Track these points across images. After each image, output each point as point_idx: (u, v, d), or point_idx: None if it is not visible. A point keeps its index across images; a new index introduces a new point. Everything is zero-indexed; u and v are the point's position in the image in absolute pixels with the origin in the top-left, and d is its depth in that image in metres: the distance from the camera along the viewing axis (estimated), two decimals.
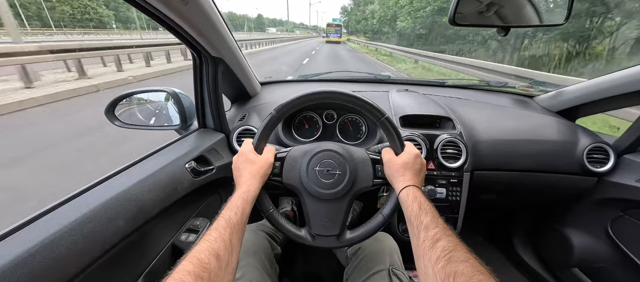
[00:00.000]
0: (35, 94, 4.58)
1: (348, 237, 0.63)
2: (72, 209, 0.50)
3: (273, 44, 25.87)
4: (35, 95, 4.48)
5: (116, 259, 0.56)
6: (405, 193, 0.55)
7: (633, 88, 0.88)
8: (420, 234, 0.46)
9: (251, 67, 1.10)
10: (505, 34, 0.71)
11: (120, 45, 7.64)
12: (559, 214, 1.22)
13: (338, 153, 0.62)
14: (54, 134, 3.34)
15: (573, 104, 1.11)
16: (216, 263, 0.41)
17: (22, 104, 4.21)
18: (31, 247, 0.41)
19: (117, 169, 0.64)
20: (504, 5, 0.75)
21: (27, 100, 4.31)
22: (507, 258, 1.45)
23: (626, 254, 0.95)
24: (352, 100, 0.62)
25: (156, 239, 0.70)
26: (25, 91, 4.69)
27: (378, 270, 0.72)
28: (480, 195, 1.12)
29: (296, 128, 1.10)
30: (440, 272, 0.38)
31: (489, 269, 0.38)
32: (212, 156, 0.87)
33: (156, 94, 0.96)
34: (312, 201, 0.62)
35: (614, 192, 0.97)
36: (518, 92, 1.36)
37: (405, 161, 0.59)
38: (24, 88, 4.84)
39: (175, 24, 0.62)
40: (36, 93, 4.61)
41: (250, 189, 0.55)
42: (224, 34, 0.76)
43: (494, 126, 1.07)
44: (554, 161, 1.02)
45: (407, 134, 0.95)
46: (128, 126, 0.88)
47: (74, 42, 6.86)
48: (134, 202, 0.58)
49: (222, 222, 0.47)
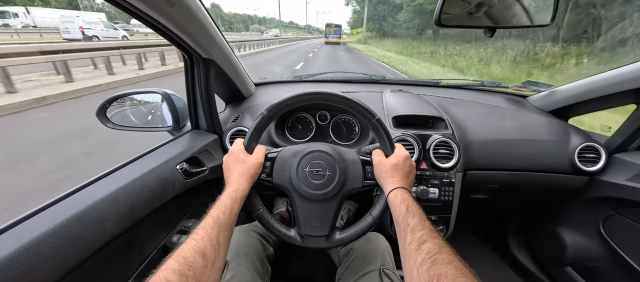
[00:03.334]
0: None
1: (337, 238, 0.63)
2: (59, 211, 0.50)
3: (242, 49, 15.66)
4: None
5: (105, 261, 0.56)
6: (394, 195, 0.55)
7: (624, 87, 0.89)
8: (407, 236, 0.47)
9: (245, 68, 1.10)
10: (491, 35, 0.72)
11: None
12: (552, 214, 1.23)
13: (328, 154, 0.63)
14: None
15: (565, 104, 1.12)
16: (202, 262, 0.41)
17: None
18: (16, 249, 0.41)
19: (107, 170, 0.64)
20: (492, 5, 0.76)
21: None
22: (502, 258, 1.46)
23: (617, 252, 0.96)
24: (343, 102, 0.62)
25: (147, 241, 0.70)
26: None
27: (369, 270, 0.72)
28: (473, 195, 1.12)
29: (289, 129, 1.10)
30: (425, 275, 0.39)
31: (473, 272, 0.39)
32: (205, 157, 0.87)
33: (149, 96, 0.96)
34: (301, 201, 0.62)
35: (606, 191, 0.98)
36: (511, 92, 1.37)
37: (394, 163, 0.60)
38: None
39: (162, 26, 0.62)
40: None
41: (240, 189, 0.56)
42: (214, 36, 0.76)
43: (486, 126, 1.08)
44: (546, 160, 1.02)
45: (399, 134, 0.96)
46: (120, 128, 0.88)
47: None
48: (123, 203, 0.58)
49: (209, 221, 0.47)
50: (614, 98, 0.95)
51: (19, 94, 4.59)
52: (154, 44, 8.83)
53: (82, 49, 6.43)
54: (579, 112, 1.13)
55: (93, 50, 6.71)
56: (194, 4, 0.64)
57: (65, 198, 0.54)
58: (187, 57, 0.81)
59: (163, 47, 8.86)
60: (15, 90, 4.70)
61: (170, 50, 9.24)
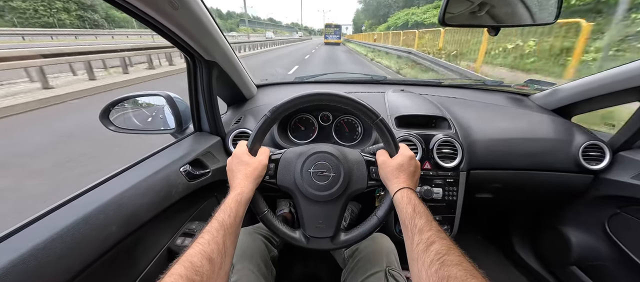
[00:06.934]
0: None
1: (342, 239, 0.63)
2: (64, 215, 0.50)
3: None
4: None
5: (110, 265, 0.55)
6: (400, 195, 0.55)
7: (628, 85, 0.88)
8: (414, 237, 0.46)
9: (246, 70, 1.10)
10: (495, 33, 0.72)
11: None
12: (556, 213, 1.22)
13: (332, 155, 0.62)
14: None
15: (568, 102, 1.11)
16: (209, 266, 0.40)
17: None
18: (22, 254, 0.41)
19: (110, 174, 0.64)
20: (496, 5, 0.75)
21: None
22: (506, 257, 1.45)
23: (623, 251, 0.95)
24: (347, 102, 0.62)
25: (151, 244, 0.70)
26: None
27: (375, 271, 0.72)
28: (477, 194, 1.12)
29: (292, 130, 1.10)
30: (434, 276, 0.38)
31: (482, 273, 0.38)
32: (208, 159, 0.87)
33: (151, 98, 0.96)
34: (306, 202, 0.62)
35: (610, 189, 0.97)
36: (513, 91, 1.36)
37: (399, 163, 0.59)
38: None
39: (166, 28, 0.62)
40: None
41: (244, 191, 0.55)
42: (217, 38, 0.76)
43: (489, 125, 1.08)
44: (550, 159, 1.02)
45: (402, 134, 0.95)
46: (123, 131, 0.88)
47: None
48: (127, 207, 0.58)
49: (215, 225, 0.47)
50: (617, 96, 0.94)
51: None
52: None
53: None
54: (582, 110, 1.13)
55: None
56: (198, 6, 0.64)
57: (71, 202, 0.54)
58: (190, 59, 0.81)
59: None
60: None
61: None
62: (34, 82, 5.57)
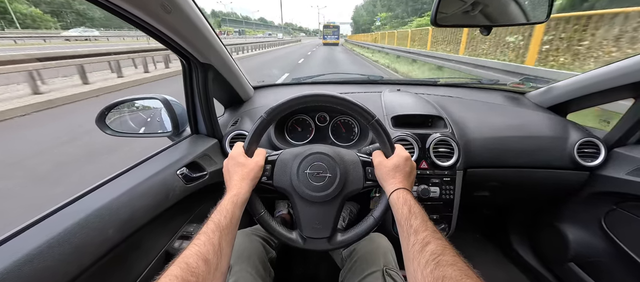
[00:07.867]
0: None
1: (339, 240, 0.63)
2: (60, 220, 0.50)
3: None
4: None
5: (107, 268, 0.55)
6: (396, 196, 0.55)
7: (622, 81, 0.89)
8: (409, 238, 0.47)
9: (243, 72, 1.10)
10: (487, 33, 0.72)
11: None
12: (553, 210, 1.23)
13: (328, 155, 0.63)
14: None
15: (563, 99, 1.12)
16: (205, 267, 0.41)
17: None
18: (17, 260, 0.41)
19: (106, 178, 0.64)
20: (489, 3, 0.76)
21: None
22: (505, 254, 1.46)
23: (620, 247, 0.95)
24: (342, 103, 0.62)
25: (149, 247, 0.70)
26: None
27: (372, 271, 0.72)
28: (474, 192, 1.12)
29: (289, 131, 1.10)
30: (429, 276, 0.39)
31: (477, 272, 0.39)
32: (205, 162, 0.87)
33: (147, 102, 0.96)
34: (302, 203, 0.62)
35: (606, 185, 0.98)
36: (509, 89, 1.37)
37: (395, 164, 0.60)
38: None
39: (160, 32, 0.62)
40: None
41: (241, 192, 0.55)
42: (212, 40, 0.76)
43: (485, 123, 1.08)
44: (546, 156, 1.02)
45: (398, 134, 0.96)
46: (119, 134, 0.88)
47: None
48: (124, 210, 0.58)
49: (211, 226, 0.47)
50: (612, 92, 0.95)
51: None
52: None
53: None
54: (577, 108, 1.14)
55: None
56: (191, 9, 0.64)
57: (67, 206, 0.54)
58: (185, 62, 0.82)
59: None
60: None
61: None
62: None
